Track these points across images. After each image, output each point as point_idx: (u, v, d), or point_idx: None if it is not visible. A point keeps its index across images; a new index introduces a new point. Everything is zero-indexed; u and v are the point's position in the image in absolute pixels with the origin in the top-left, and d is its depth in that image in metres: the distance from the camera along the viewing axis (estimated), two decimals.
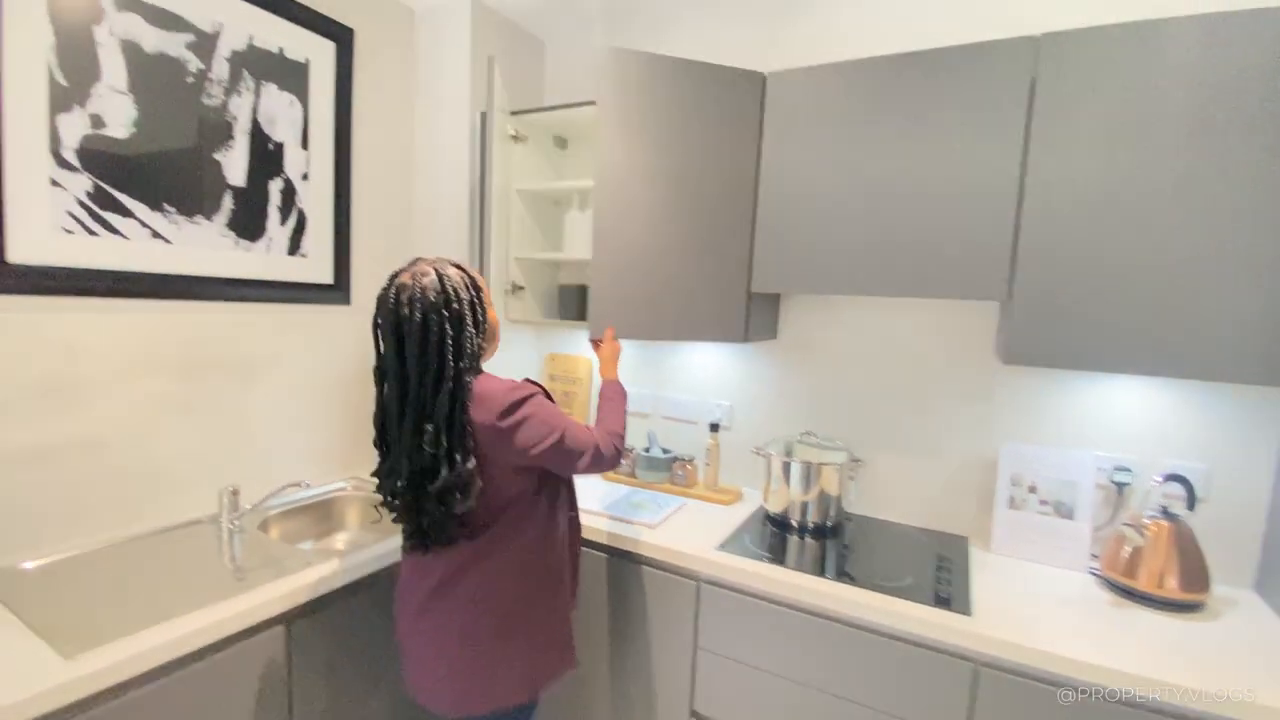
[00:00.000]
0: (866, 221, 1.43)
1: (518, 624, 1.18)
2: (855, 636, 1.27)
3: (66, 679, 0.90)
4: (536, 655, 1.20)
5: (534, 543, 1.19)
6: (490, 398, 1.10)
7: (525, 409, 1.12)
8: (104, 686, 0.94)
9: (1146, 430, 1.47)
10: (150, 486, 1.45)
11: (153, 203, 1.42)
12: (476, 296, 1.14)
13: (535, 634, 1.20)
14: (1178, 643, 1.15)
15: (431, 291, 1.07)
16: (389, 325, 1.09)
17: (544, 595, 1.21)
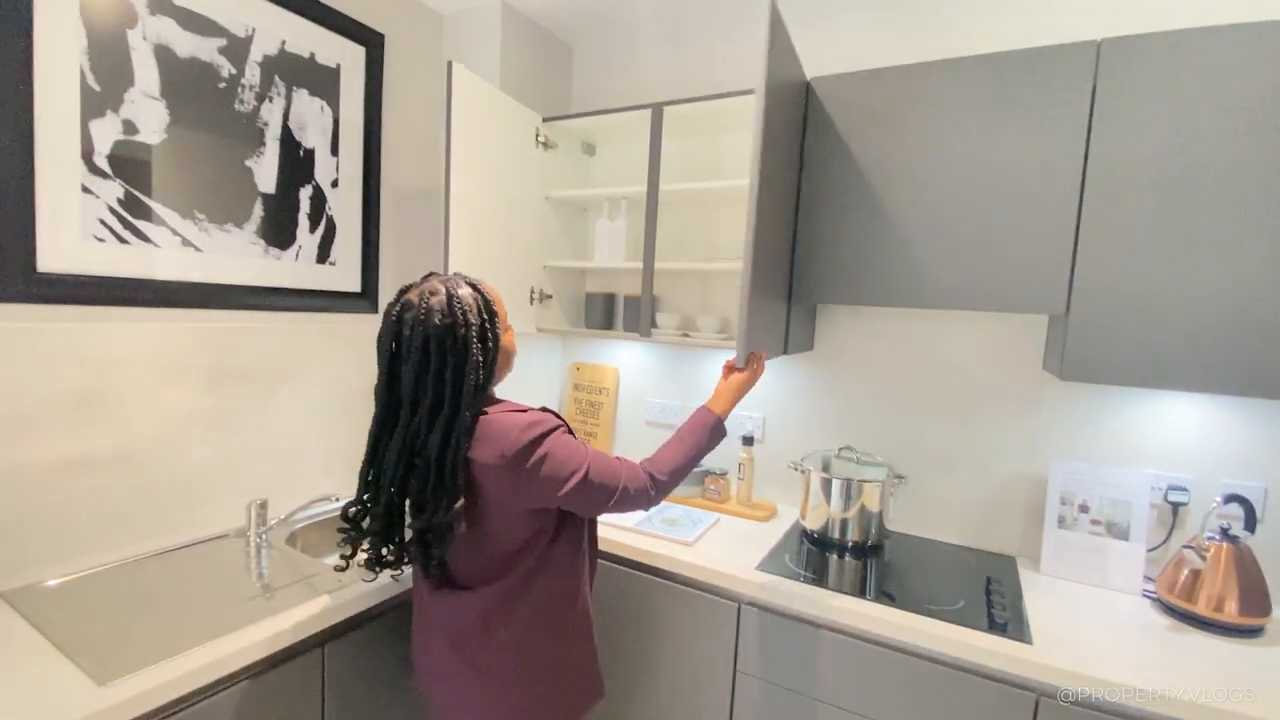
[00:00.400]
0: (920, 230, 1.39)
1: (546, 672, 1.11)
2: (905, 662, 1.22)
3: (101, 707, 0.86)
4: (565, 698, 1.14)
5: (560, 589, 1.12)
6: (502, 435, 1.00)
7: (545, 446, 1.01)
8: (138, 714, 0.90)
9: (1202, 448, 1.42)
10: (177, 500, 1.41)
11: (184, 210, 1.39)
12: (489, 321, 1.04)
13: (564, 678, 1.14)
14: (1240, 669, 1.10)
15: (437, 314, 0.98)
16: (386, 345, 1.02)
17: (571, 640, 1.14)
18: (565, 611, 1.13)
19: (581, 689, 1.18)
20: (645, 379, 2.13)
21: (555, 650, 1.12)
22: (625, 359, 2.16)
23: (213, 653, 1.00)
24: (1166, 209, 1.18)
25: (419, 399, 0.99)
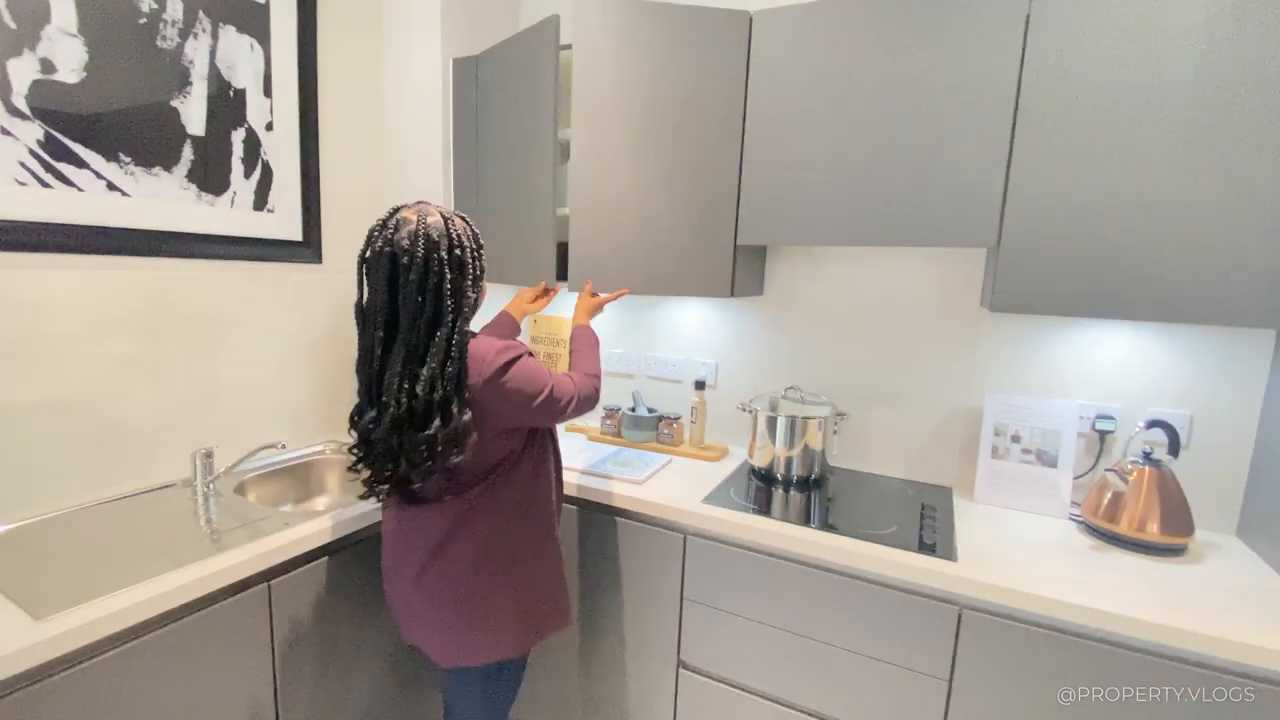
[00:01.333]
0: (855, 169, 1.40)
1: (512, 582, 1.17)
2: (841, 584, 1.28)
3: (37, 640, 0.87)
4: (531, 612, 1.20)
5: (523, 502, 1.19)
6: (480, 359, 1.07)
7: (519, 366, 1.10)
8: (77, 647, 0.91)
9: (1131, 378, 1.47)
10: (120, 450, 1.40)
11: (108, 153, 1.35)
12: (478, 250, 1.10)
13: (530, 592, 1.20)
14: (1158, 584, 1.16)
15: (435, 231, 1.02)
16: (384, 260, 1.01)
17: (536, 553, 1.21)
18: (526, 532, 1.19)
19: (545, 613, 1.23)
20: (602, 329, 2.13)
21: (515, 568, 1.18)
22: None
23: (153, 589, 1.01)
24: (1097, 137, 1.19)
25: (420, 312, 1.01)
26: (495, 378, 1.06)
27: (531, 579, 1.21)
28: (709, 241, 1.58)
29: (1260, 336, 1.35)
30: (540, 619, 1.22)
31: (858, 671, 1.28)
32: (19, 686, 0.87)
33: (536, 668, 1.69)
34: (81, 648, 0.92)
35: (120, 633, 0.97)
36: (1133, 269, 1.19)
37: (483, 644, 1.16)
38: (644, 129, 1.55)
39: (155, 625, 1.02)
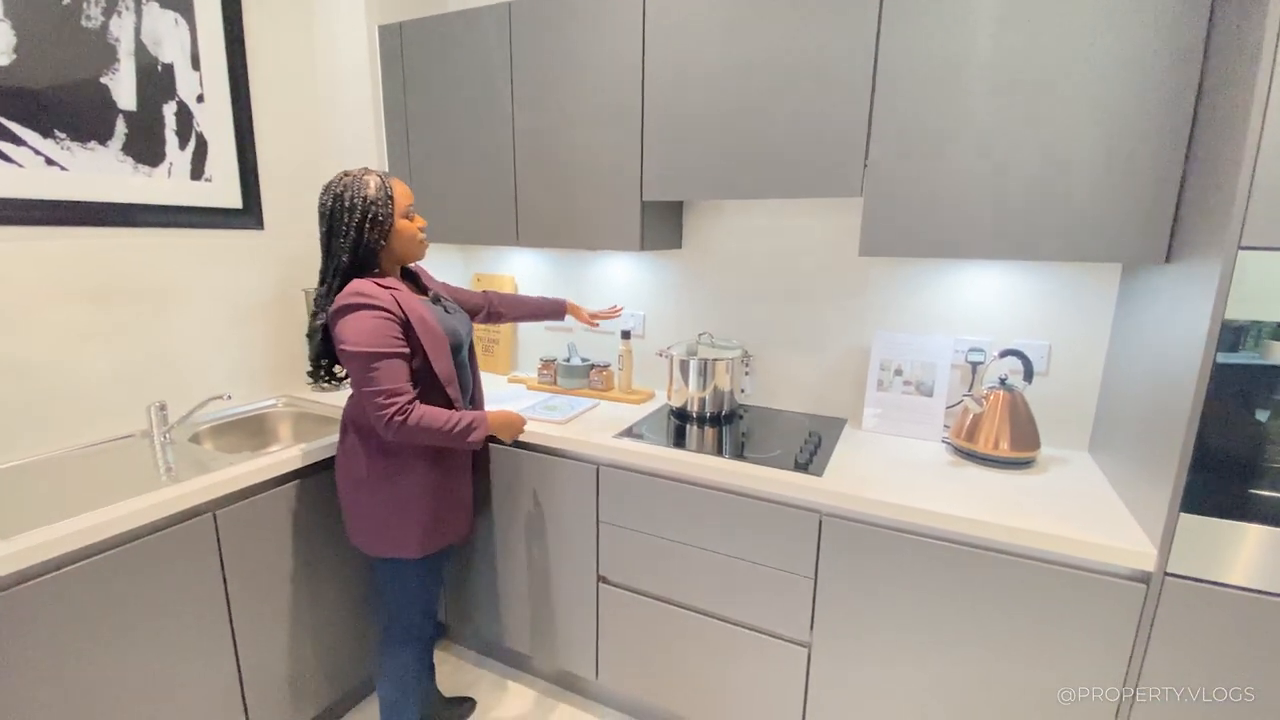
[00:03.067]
0: (742, 129, 1.51)
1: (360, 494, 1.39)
2: (727, 500, 1.45)
3: (3, 554, 1.03)
4: (429, 522, 1.40)
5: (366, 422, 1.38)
6: (339, 297, 1.28)
7: (348, 317, 1.25)
8: (37, 561, 1.07)
9: (999, 313, 1.62)
10: (79, 408, 1.54)
11: (43, 129, 1.44)
12: (380, 203, 1.30)
13: (376, 508, 1.39)
14: (993, 490, 1.33)
15: (335, 187, 1.29)
16: (319, 212, 1.32)
17: (424, 472, 1.39)
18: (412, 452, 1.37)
19: (441, 524, 1.43)
20: (541, 286, 2.27)
21: (401, 479, 1.37)
22: (520, 266, 2.29)
23: (106, 515, 1.16)
24: (943, 96, 1.31)
25: (326, 248, 1.33)
26: (332, 317, 1.29)
27: (429, 495, 1.40)
28: (619, 199, 1.70)
29: (1107, 270, 1.50)
30: (437, 531, 1.42)
31: (743, 575, 1.46)
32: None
33: (477, 583, 1.87)
34: (41, 563, 1.08)
35: (76, 551, 1.13)
36: (980, 213, 1.33)
37: (383, 540, 1.39)
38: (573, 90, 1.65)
39: (110, 546, 1.17)
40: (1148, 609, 1.10)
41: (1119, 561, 1.11)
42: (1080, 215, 1.25)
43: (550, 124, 1.75)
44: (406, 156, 2.00)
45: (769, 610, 1.45)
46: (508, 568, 1.80)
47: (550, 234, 1.82)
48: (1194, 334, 1.03)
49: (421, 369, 1.34)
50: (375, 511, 1.38)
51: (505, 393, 2.03)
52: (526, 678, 1.94)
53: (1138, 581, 1.11)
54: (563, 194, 1.77)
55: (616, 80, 1.63)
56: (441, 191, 1.97)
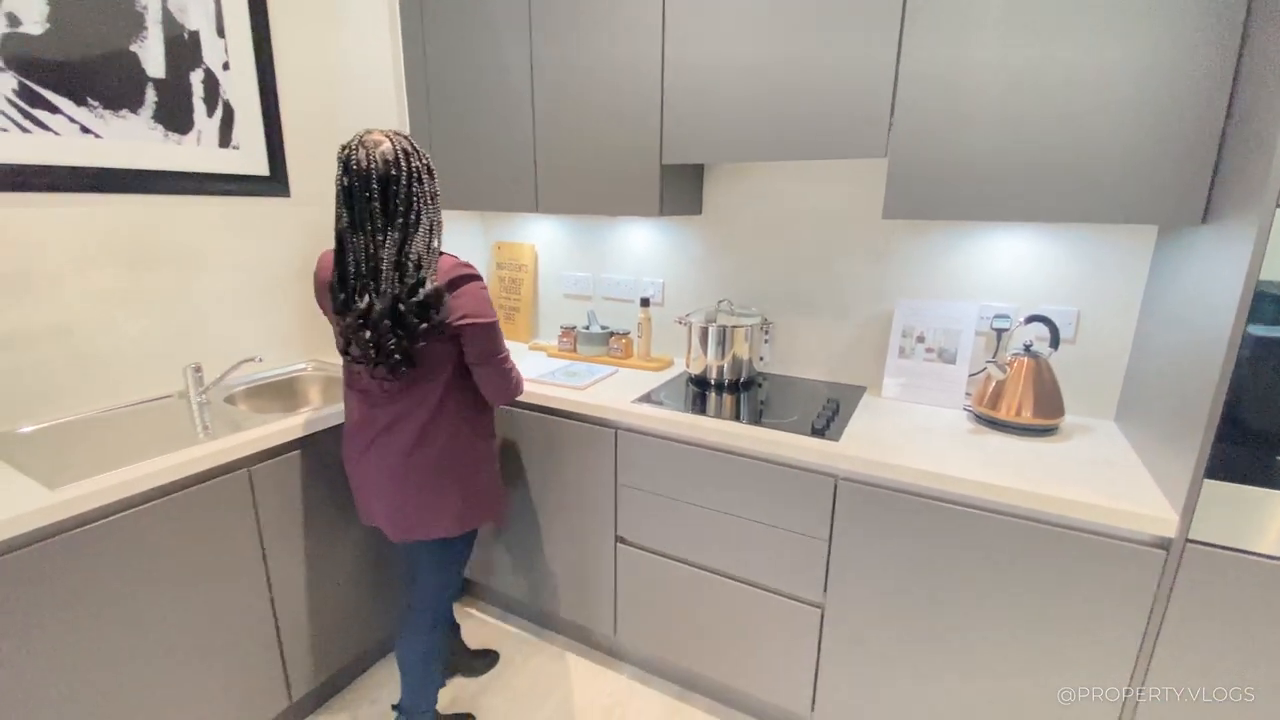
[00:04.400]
0: (757, 86, 1.48)
1: (451, 473, 1.36)
2: (744, 464, 1.46)
3: (51, 503, 1.09)
4: (467, 502, 1.40)
5: (466, 405, 1.36)
6: (443, 268, 1.24)
7: (465, 286, 1.25)
8: (84, 510, 1.13)
9: (1026, 279, 1.59)
10: (118, 369, 1.60)
11: (77, 98, 1.48)
12: (431, 163, 1.26)
13: (466, 484, 1.39)
14: (1013, 457, 1.32)
15: (409, 145, 1.20)
16: (370, 174, 1.16)
17: (474, 452, 1.39)
18: (462, 426, 1.36)
19: (479, 504, 1.42)
20: (561, 253, 2.27)
21: (458, 462, 1.37)
22: (541, 235, 2.29)
23: (146, 469, 1.23)
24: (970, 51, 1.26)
25: (409, 207, 1.19)
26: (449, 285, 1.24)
27: (470, 475, 1.39)
28: (638, 163, 1.69)
29: (1141, 233, 1.45)
30: (474, 511, 1.42)
31: (758, 537, 1.48)
32: (38, 539, 1.09)
33: (500, 543, 1.93)
34: (89, 510, 1.15)
35: (120, 501, 1.19)
36: (1009, 174, 1.29)
37: (422, 525, 1.36)
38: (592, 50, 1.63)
39: (152, 497, 1.24)
40: (1166, 575, 1.09)
41: (1139, 527, 1.09)
42: (1114, 174, 1.21)
43: (569, 86, 1.73)
44: (428, 121, 2.00)
45: (783, 571, 1.47)
46: (530, 528, 1.85)
47: (569, 200, 1.82)
48: (1227, 296, 1.00)
49: None
50: (482, 482, 1.42)
51: (527, 360, 2.06)
52: (548, 634, 2.01)
53: (1158, 548, 1.09)
54: (581, 159, 1.76)
55: (635, 40, 1.61)
56: (462, 158, 1.98)
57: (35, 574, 1.09)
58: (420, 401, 1.30)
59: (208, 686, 1.38)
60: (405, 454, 1.32)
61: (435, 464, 1.34)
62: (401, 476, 1.33)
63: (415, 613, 1.49)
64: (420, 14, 1.92)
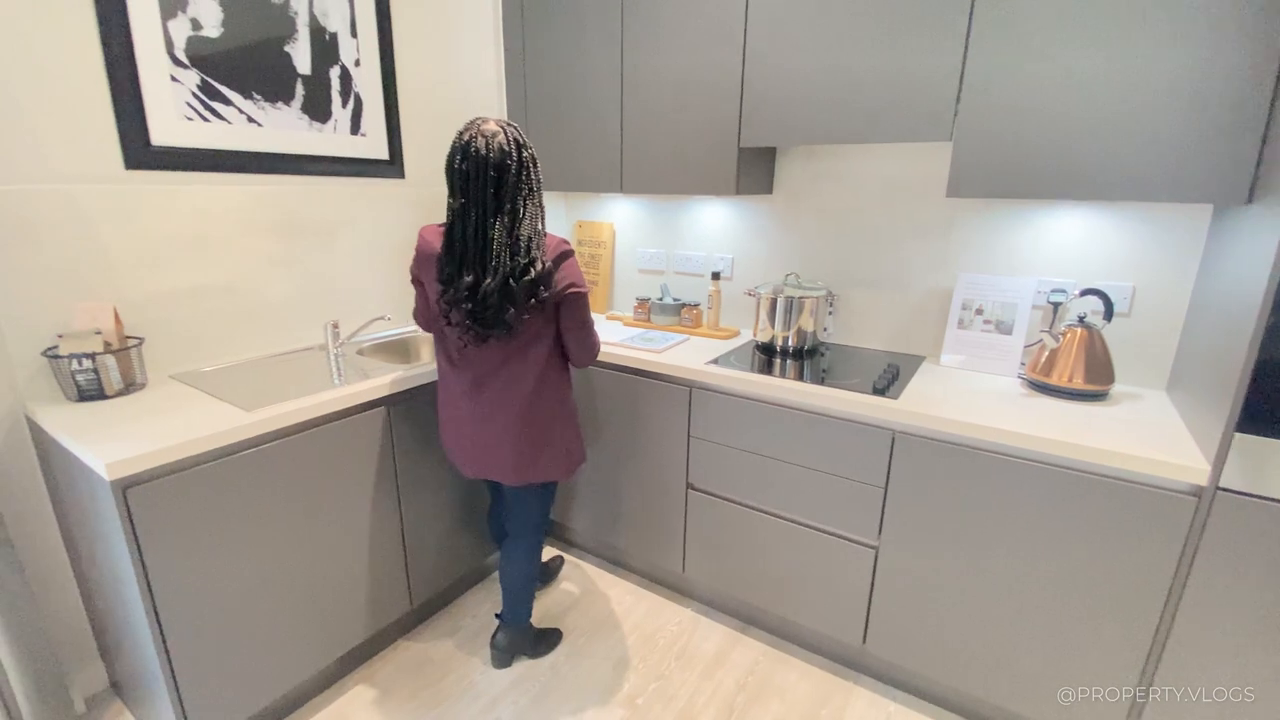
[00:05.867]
0: (829, 74, 1.63)
1: (558, 424, 1.58)
2: (809, 419, 1.63)
3: (250, 421, 1.37)
4: (570, 447, 1.63)
5: (561, 366, 1.57)
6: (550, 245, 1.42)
7: (571, 260, 1.44)
8: (272, 429, 1.42)
9: (1084, 255, 1.68)
10: (270, 320, 1.90)
11: (245, 92, 1.76)
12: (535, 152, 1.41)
13: (569, 432, 1.62)
14: (1058, 416, 1.44)
15: (512, 133, 1.35)
16: (488, 161, 1.30)
17: (569, 405, 1.61)
18: (560, 376, 1.57)
19: (577, 445, 1.66)
20: (637, 231, 2.47)
21: (562, 408, 1.59)
22: (619, 214, 2.49)
23: (313, 400, 1.50)
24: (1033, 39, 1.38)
25: (519, 191, 1.34)
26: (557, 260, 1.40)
27: (568, 423, 1.61)
28: (717, 145, 1.86)
29: (1197, 211, 1.53)
30: (576, 451, 1.65)
31: (819, 484, 1.65)
32: (241, 450, 1.37)
33: (579, 491, 2.16)
34: (276, 430, 1.43)
35: (298, 424, 1.47)
36: (1069, 154, 1.40)
37: (541, 468, 1.57)
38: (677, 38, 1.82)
39: (318, 424, 1.51)
40: (1197, 520, 1.21)
41: (1172, 475, 1.21)
42: (1167, 157, 1.31)
43: (654, 85, 1.91)
44: (524, 114, 2.22)
45: (842, 516, 1.64)
46: (609, 476, 2.07)
47: (651, 181, 2.01)
48: (1262, 264, 1.10)
49: None
50: (576, 430, 1.63)
51: (604, 329, 2.27)
52: (621, 571, 2.24)
53: (1190, 495, 1.21)
54: (663, 144, 1.94)
55: (717, 45, 1.77)
56: (553, 144, 2.19)
57: (236, 477, 1.37)
58: (529, 365, 1.48)
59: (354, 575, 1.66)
60: (524, 410, 1.50)
61: (547, 417, 1.54)
62: (517, 431, 1.51)
63: (518, 540, 1.73)
64: (521, 18, 2.13)
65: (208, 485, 1.32)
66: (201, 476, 1.31)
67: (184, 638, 1.32)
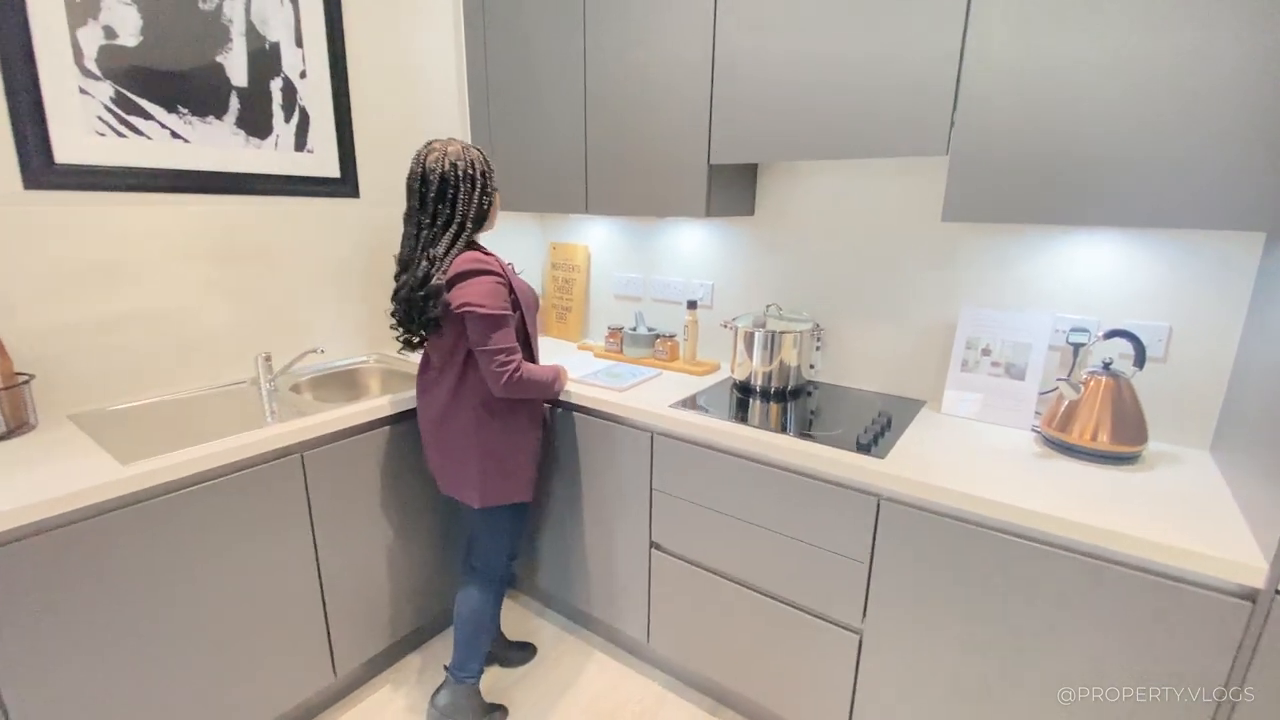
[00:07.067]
0: (809, 80, 1.42)
1: (472, 449, 1.48)
2: (783, 477, 1.40)
3: (120, 478, 1.19)
4: (486, 480, 1.50)
5: (484, 388, 1.46)
6: (457, 262, 1.38)
7: (472, 280, 1.36)
8: (149, 485, 1.23)
9: (1110, 289, 1.44)
10: (203, 354, 1.74)
11: (168, 105, 1.62)
12: (488, 173, 1.43)
13: (484, 462, 1.49)
14: (1084, 486, 1.20)
15: (453, 156, 1.37)
16: (417, 175, 1.37)
17: (491, 432, 1.49)
18: (504, 409, 1.49)
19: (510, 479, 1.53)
20: (613, 255, 2.28)
21: (519, 432, 1.52)
22: (594, 236, 2.30)
23: (205, 450, 1.31)
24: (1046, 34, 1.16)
25: (437, 214, 1.39)
26: (454, 280, 1.37)
27: (485, 452, 1.48)
28: (685, 162, 1.66)
29: (1247, 241, 1.29)
30: (494, 489, 1.51)
31: (796, 554, 1.42)
32: (109, 510, 1.19)
33: (541, 537, 1.95)
34: (154, 486, 1.24)
35: (181, 479, 1.29)
36: (1094, 168, 1.17)
37: (494, 490, 1.51)
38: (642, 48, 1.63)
39: (211, 477, 1.33)
40: (1251, 631, 0.95)
41: (1220, 574, 0.96)
42: (1216, 175, 1.07)
43: (618, 86, 1.73)
44: (488, 127, 2.05)
45: (821, 592, 1.40)
46: (567, 525, 1.86)
47: (618, 202, 1.81)
48: None
49: (519, 330, 1.47)
50: (496, 463, 1.50)
51: (572, 360, 2.07)
52: (584, 631, 2.01)
53: (1243, 599, 0.96)
54: (630, 160, 1.75)
55: (686, 33, 1.58)
56: (518, 160, 2.02)
57: (104, 542, 1.19)
58: (446, 377, 1.47)
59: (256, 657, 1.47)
60: (436, 421, 1.51)
61: (457, 436, 1.49)
62: (435, 440, 1.53)
63: (472, 574, 1.64)
64: (483, 25, 1.97)
65: (61, 554, 1.14)
66: (54, 544, 1.13)
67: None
